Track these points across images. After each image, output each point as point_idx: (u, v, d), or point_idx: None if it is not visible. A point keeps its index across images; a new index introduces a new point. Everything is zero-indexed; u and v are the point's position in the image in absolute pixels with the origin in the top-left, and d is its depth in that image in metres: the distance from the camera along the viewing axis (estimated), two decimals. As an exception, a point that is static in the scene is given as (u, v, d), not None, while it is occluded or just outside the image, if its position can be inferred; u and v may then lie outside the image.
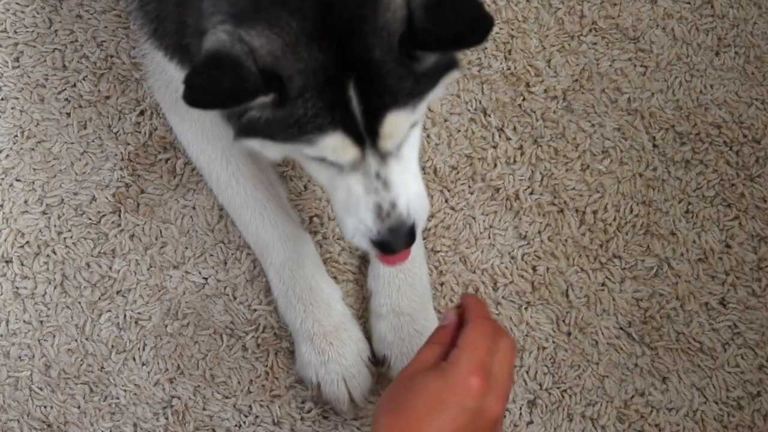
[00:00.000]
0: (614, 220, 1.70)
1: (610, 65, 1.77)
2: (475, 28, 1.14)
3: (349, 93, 1.17)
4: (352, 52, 1.15)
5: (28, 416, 1.62)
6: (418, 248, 1.61)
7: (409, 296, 1.58)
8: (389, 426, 1.28)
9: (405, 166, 1.28)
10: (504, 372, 1.32)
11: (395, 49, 1.17)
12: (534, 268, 1.68)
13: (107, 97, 1.72)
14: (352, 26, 1.15)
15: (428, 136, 1.71)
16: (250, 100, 1.17)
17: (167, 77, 1.60)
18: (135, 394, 1.62)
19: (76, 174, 1.69)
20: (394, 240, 1.28)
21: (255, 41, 1.15)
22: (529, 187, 1.71)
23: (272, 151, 1.30)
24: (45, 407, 1.62)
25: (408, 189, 1.28)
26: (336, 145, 1.20)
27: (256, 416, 1.62)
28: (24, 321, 1.65)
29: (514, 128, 1.73)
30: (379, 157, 1.24)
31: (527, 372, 1.64)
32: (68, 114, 1.72)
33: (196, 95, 1.12)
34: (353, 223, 1.29)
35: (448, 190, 1.70)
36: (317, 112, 1.17)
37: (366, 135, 1.20)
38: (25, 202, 1.69)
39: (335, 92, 1.17)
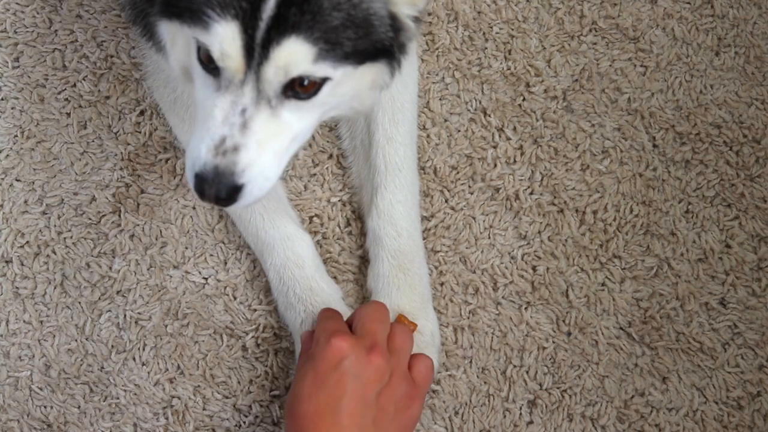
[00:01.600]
0: (614, 220, 1.70)
1: (610, 65, 1.77)
2: None
3: None
4: None
5: (28, 416, 1.62)
6: (418, 248, 1.62)
7: (409, 296, 1.58)
8: (293, 424, 1.37)
9: (274, 132, 1.22)
10: (404, 351, 1.45)
11: None
12: (534, 268, 1.68)
13: (107, 97, 1.72)
14: None
15: (428, 136, 1.71)
16: None
17: (165, 77, 1.60)
18: (135, 394, 1.62)
19: (76, 174, 1.69)
20: (211, 182, 1.21)
21: None
22: (529, 187, 1.71)
23: (178, 49, 1.25)
24: (45, 407, 1.62)
25: (261, 154, 1.21)
26: (225, 38, 1.15)
27: (256, 416, 1.62)
28: (24, 321, 1.65)
29: (514, 128, 1.73)
30: (255, 94, 1.19)
31: (527, 372, 1.64)
32: (68, 114, 1.72)
33: None
34: (194, 142, 1.23)
35: (448, 190, 1.70)
36: None
37: (258, 51, 1.15)
38: (25, 202, 1.69)
39: None
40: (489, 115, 1.74)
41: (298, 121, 1.24)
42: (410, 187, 1.62)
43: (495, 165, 1.72)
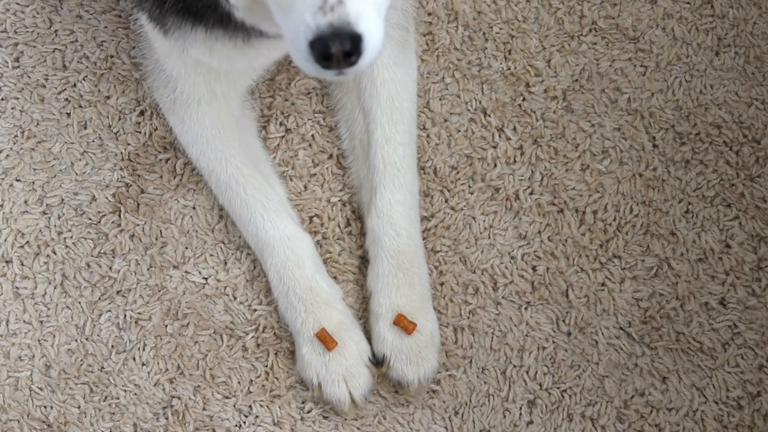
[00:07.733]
0: (614, 220, 1.70)
1: (610, 65, 1.77)
2: None
3: None
4: None
5: (28, 416, 1.62)
6: (417, 248, 1.62)
7: (408, 296, 1.58)
8: None
9: None
10: None
11: None
12: (534, 268, 1.68)
13: (107, 97, 1.72)
14: None
15: (428, 136, 1.71)
16: None
17: (165, 76, 1.60)
18: (135, 394, 1.62)
19: (76, 174, 1.69)
20: (332, 37, 1.12)
21: None
22: (529, 187, 1.71)
23: None
24: (45, 407, 1.62)
25: (365, 3, 1.14)
26: None
27: (256, 416, 1.62)
28: (24, 321, 1.65)
29: (514, 128, 1.74)
30: None
31: (527, 372, 1.64)
32: (68, 114, 1.72)
33: None
34: (294, 24, 1.15)
35: (448, 190, 1.70)
36: None
37: None
38: (25, 202, 1.69)
39: None
40: (489, 115, 1.74)
41: None
42: (409, 187, 1.62)
43: (495, 165, 1.72)
